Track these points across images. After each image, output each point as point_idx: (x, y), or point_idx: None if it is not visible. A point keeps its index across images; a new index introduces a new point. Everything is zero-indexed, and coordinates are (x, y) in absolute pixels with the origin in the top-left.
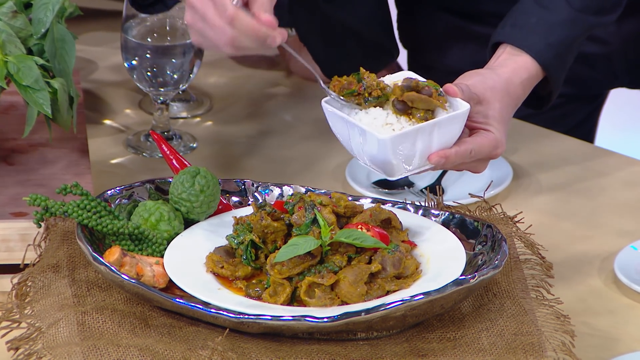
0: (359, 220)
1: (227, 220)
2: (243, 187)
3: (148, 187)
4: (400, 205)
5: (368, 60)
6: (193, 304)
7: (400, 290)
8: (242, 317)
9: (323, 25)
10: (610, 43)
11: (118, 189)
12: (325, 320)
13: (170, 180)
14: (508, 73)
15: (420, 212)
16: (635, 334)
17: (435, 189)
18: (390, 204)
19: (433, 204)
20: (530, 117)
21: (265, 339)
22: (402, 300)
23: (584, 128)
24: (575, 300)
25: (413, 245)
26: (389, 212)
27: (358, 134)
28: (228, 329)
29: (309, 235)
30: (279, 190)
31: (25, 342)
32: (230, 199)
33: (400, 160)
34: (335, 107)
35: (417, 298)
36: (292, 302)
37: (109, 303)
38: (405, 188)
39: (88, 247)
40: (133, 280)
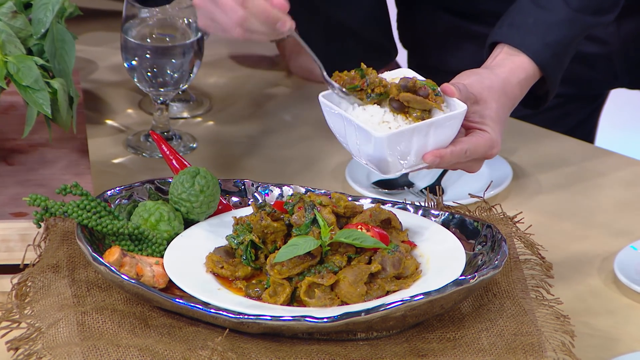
0: (359, 221)
1: (226, 221)
2: (243, 187)
3: (148, 187)
4: (400, 206)
5: (367, 60)
6: (193, 304)
7: (400, 291)
8: (241, 317)
9: (322, 25)
10: (610, 43)
11: (118, 189)
12: (325, 321)
13: (170, 181)
14: (505, 73)
15: (420, 212)
16: (635, 334)
17: (435, 189)
18: (390, 204)
19: (433, 204)
20: (530, 117)
21: (265, 339)
22: (402, 301)
23: (584, 128)
24: (575, 301)
25: (413, 246)
26: (389, 212)
27: (354, 131)
28: (228, 329)
29: (309, 236)
30: (279, 191)
31: (25, 342)
32: (230, 199)
33: (396, 159)
34: (333, 102)
35: (417, 298)
36: (292, 302)
37: (109, 303)
38: (405, 188)
39: (88, 247)
40: (133, 281)
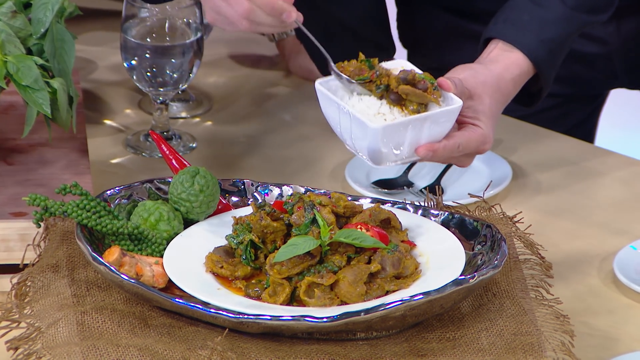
0: (359, 220)
1: (226, 220)
2: (242, 187)
3: (147, 187)
4: (400, 205)
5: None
6: (192, 304)
7: (400, 290)
8: (241, 317)
9: (321, 23)
10: (610, 43)
11: (117, 189)
12: (325, 320)
13: (170, 180)
14: (499, 69)
15: (420, 212)
16: (635, 334)
17: (435, 189)
18: (390, 204)
19: (432, 204)
20: (530, 117)
21: (265, 339)
22: (401, 300)
23: (584, 128)
24: (575, 300)
25: (412, 245)
26: (389, 212)
27: (349, 120)
28: (227, 329)
29: (309, 235)
30: (279, 190)
31: (25, 342)
32: (230, 199)
33: (389, 150)
34: (330, 90)
35: (416, 298)
36: (291, 302)
37: (109, 303)
38: (405, 188)
39: (87, 247)
40: (132, 280)
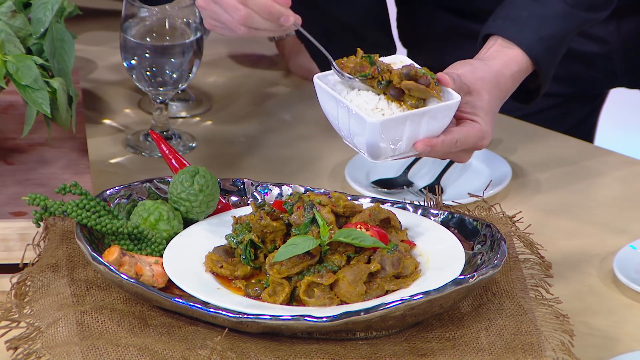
0: (358, 220)
1: (226, 220)
2: (242, 186)
3: (147, 186)
4: (400, 205)
5: None
6: (192, 304)
7: (400, 290)
8: (241, 316)
9: (321, 22)
10: (610, 42)
11: (117, 189)
12: (325, 320)
13: (170, 180)
14: (498, 65)
15: (420, 211)
16: (635, 334)
17: (435, 189)
18: (390, 204)
19: (432, 204)
20: (530, 116)
21: (265, 339)
22: (401, 300)
23: (584, 128)
24: (575, 300)
25: (412, 245)
26: (388, 211)
27: (347, 115)
28: (227, 329)
29: (308, 235)
30: (278, 190)
31: (25, 341)
32: (230, 199)
33: (387, 145)
34: (328, 85)
35: (416, 298)
36: (291, 301)
37: (108, 303)
38: (405, 187)
39: (87, 246)
40: (132, 280)
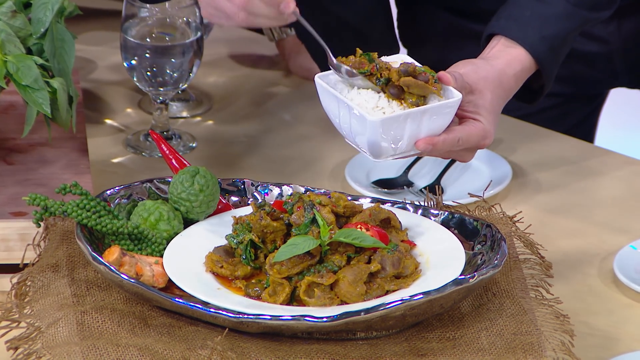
0: (358, 220)
1: (226, 220)
2: (242, 186)
3: (147, 186)
4: (400, 205)
5: None
6: (192, 304)
7: (400, 290)
8: (241, 316)
9: (322, 22)
10: (611, 42)
11: (117, 189)
12: (325, 320)
13: (170, 180)
14: (501, 64)
15: (420, 211)
16: (635, 334)
17: (435, 189)
18: (390, 204)
19: (432, 204)
20: (530, 116)
21: (265, 339)
22: (401, 300)
23: (584, 127)
24: (575, 300)
25: (412, 245)
26: (388, 211)
27: (348, 113)
28: (227, 329)
29: (308, 235)
30: (278, 190)
31: (25, 341)
32: (230, 199)
33: (388, 143)
34: (329, 84)
35: (416, 298)
36: (291, 301)
37: (109, 303)
38: (405, 188)
39: (87, 246)
40: (132, 280)
